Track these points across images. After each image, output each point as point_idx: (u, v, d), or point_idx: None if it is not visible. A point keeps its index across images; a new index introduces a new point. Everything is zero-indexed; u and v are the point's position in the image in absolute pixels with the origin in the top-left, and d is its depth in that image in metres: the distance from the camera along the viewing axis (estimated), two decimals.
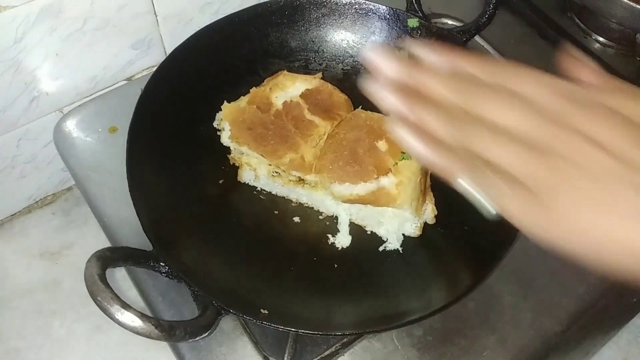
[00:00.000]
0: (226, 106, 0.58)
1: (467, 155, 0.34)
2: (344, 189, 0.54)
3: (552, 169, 0.32)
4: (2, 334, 0.72)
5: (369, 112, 0.58)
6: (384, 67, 0.37)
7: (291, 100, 0.57)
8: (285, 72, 0.60)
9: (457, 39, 0.64)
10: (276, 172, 0.57)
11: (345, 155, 0.54)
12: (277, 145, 0.55)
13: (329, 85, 0.60)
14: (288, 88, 0.59)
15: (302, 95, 0.58)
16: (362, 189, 0.53)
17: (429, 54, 0.37)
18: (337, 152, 0.54)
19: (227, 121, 0.57)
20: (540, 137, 0.33)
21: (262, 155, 0.55)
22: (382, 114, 0.59)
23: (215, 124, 0.60)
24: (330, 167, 0.54)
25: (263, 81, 0.62)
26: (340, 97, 0.60)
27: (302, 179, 0.56)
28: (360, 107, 0.60)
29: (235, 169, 0.60)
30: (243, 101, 0.58)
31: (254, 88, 0.60)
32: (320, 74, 0.60)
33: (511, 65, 0.35)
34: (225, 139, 0.58)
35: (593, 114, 0.33)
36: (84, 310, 0.74)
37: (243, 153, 0.58)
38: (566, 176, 0.32)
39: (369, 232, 0.58)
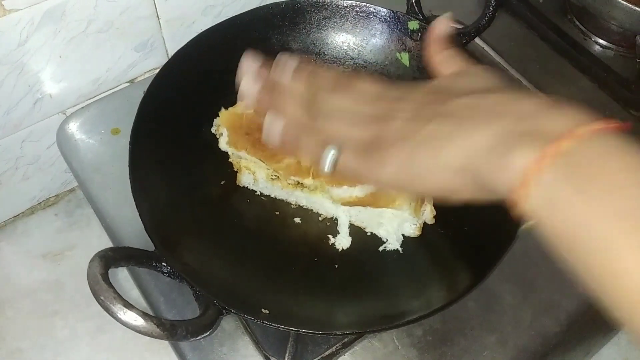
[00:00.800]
0: (223, 112, 0.58)
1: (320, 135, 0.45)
2: (343, 191, 0.54)
3: (382, 128, 0.43)
4: (5, 334, 0.73)
5: None
6: (250, 68, 0.50)
7: None
8: None
9: (457, 41, 0.65)
10: (275, 176, 0.57)
11: None
12: (275, 149, 0.55)
13: None
14: None
15: None
16: (360, 190, 0.54)
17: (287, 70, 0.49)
18: None
19: (225, 127, 0.57)
20: (370, 111, 0.45)
21: (260, 159, 0.56)
22: None
23: (213, 130, 0.60)
24: None
25: None
26: None
27: (301, 183, 0.57)
28: None
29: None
30: (240, 106, 0.59)
31: None
32: None
33: (351, 74, 0.49)
34: (223, 144, 0.58)
35: (400, 93, 0.45)
36: (86, 311, 0.75)
37: (241, 157, 0.58)
38: (390, 130, 0.42)
39: (368, 234, 0.58)
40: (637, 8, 0.68)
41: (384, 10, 0.65)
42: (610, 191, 0.32)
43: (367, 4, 0.65)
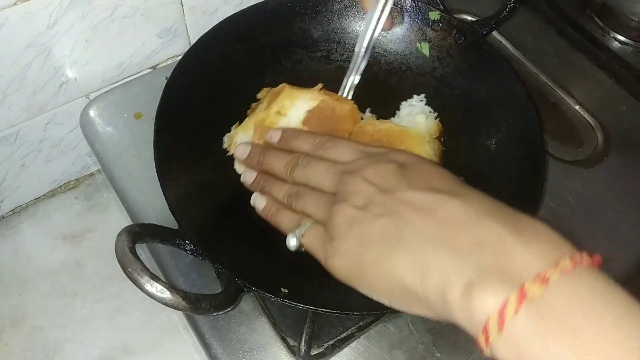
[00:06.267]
0: (235, 135, 0.58)
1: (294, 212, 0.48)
2: None
3: (335, 212, 0.42)
4: (26, 313, 0.74)
5: (376, 122, 0.59)
6: (242, 156, 0.55)
7: None
8: (286, 86, 0.59)
9: (477, 32, 0.65)
10: None
11: None
12: None
13: (330, 99, 0.58)
14: (289, 110, 0.58)
15: (304, 121, 0.57)
16: None
17: (272, 136, 0.54)
18: None
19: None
20: (335, 190, 0.44)
21: None
22: (389, 120, 0.60)
23: (224, 147, 0.60)
24: None
25: (286, 69, 0.64)
26: (343, 109, 0.58)
27: None
28: (369, 109, 0.61)
29: None
30: (249, 126, 0.58)
31: (254, 115, 0.59)
32: (320, 85, 0.59)
33: (328, 138, 0.50)
34: (238, 166, 0.58)
35: (373, 166, 0.43)
36: (105, 292, 0.76)
37: None
38: (340, 217, 0.41)
39: None
40: None
41: (406, 0, 0.65)
42: (601, 356, 0.28)
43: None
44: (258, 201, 0.52)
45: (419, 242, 0.35)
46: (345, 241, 0.40)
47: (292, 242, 0.47)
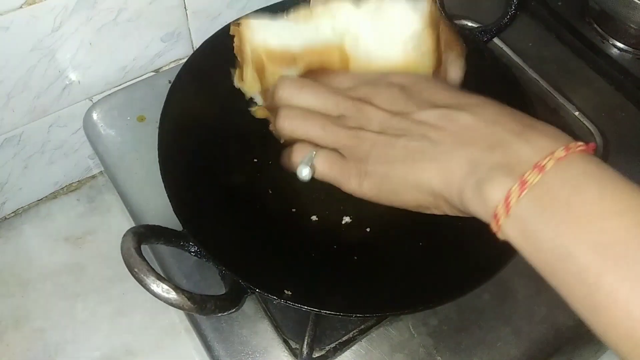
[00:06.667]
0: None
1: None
2: None
3: (353, 137, 0.43)
4: (28, 314, 0.74)
5: (367, 62, 0.50)
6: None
7: None
8: (262, 56, 0.52)
9: (478, 39, 0.66)
10: None
11: None
12: None
13: (315, 56, 0.50)
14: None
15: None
16: None
17: None
18: None
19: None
20: (342, 115, 0.44)
21: None
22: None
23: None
24: None
25: None
26: (331, 62, 0.50)
27: None
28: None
29: (265, 162, 0.62)
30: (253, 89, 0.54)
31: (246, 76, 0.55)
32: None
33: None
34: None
35: (377, 92, 0.44)
36: (106, 294, 0.76)
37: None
38: (362, 142, 0.43)
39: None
40: None
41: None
42: (587, 223, 0.32)
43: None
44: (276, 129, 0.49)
45: (439, 153, 0.40)
46: (371, 164, 0.43)
47: (304, 172, 0.44)
